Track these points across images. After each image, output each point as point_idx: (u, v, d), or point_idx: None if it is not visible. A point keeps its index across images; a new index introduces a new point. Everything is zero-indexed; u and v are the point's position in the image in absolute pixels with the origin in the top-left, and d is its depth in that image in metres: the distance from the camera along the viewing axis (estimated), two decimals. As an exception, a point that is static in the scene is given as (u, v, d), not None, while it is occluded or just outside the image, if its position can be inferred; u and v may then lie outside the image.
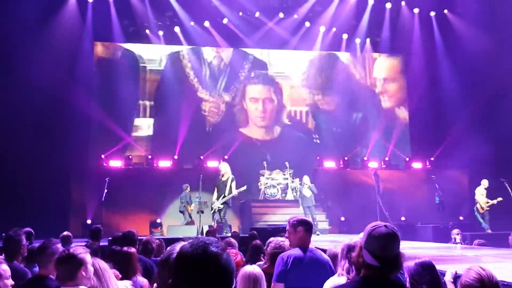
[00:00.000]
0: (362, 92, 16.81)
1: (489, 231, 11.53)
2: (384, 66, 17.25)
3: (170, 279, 1.68)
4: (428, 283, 2.78)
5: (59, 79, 13.28)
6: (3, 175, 12.25)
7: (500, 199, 11.80)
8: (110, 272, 3.02)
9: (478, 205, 12.05)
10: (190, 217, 12.10)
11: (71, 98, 13.66)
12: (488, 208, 11.96)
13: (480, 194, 12.09)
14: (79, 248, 3.01)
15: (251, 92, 16.43)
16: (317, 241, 8.91)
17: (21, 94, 12.66)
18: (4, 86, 12.54)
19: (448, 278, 3.22)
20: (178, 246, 2.35)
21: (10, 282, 3.29)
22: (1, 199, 11.72)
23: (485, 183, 12.15)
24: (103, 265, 3.01)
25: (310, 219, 3.78)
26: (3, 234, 5.74)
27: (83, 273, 2.80)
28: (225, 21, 15.80)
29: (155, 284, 2.66)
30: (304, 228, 3.63)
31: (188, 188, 12.37)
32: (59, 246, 3.72)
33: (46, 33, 13.45)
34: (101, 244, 6.97)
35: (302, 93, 16.66)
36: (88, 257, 2.85)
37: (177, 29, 15.76)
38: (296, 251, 3.61)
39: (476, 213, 12.08)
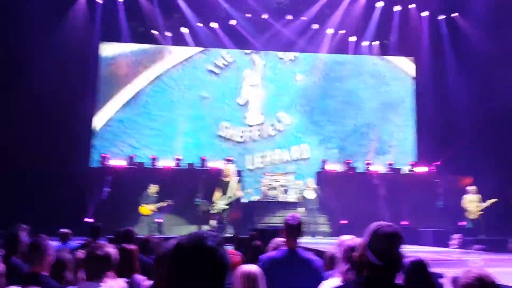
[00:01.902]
0: (366, 94, 16.79)
1: (482, 236, 11.44)
2: (392, 68, 17.19)
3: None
4: (421, 280, 2.77)
5: (66, 78, 13.41)
6: (5, 171, 12.32)
7: (493, 200, 11.70)
8: None
9: (467, 213, 11.98)
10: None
11: (77, 97, 13.75)
12: (481, 213, 11.87)
13: (469, 201, 12.01)
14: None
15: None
16: (318, 244, 8.89)
17: (28, 93, 12.80)
18: (11, 87, 12.68)
19: (447, 282, 3.20)
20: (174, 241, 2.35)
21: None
22: (2, 195, 11.75)
23: (472, 189, 12.07)
24: None
25: (299, 218, 3.68)
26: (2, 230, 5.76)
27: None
28: (233, 22, 15.83)
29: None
30: (286, 228, 3.62)
31: (152, 189, 12.18)
32: (52, 243, 3.73)
33: (54, 33, 13.59)
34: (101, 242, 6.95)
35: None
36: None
37: (185, 30, 15.81)
38: (275, 252, 3.63)
39: (467, 221, 12.01)
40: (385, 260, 2.11)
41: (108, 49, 15.71)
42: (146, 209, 12.02)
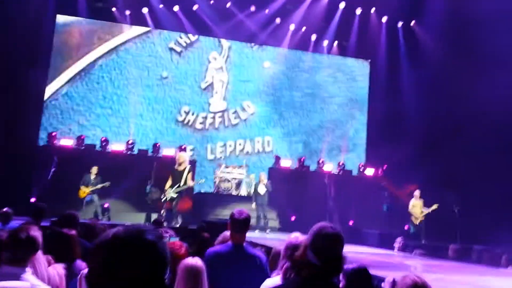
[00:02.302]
0: (323, 92, 17.00)
1: (423, 241, 11.87)
2: (350, 69, 17.48)
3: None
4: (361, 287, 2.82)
5: (18, 52, 12.76)
6: None
7: (435, 206, 12.16)
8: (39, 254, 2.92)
9: (412, 217, 12.41)
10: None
11: (28, 72, 13.12)
12: (423, 218, 12.31)
13: (413, 205, 12.44)
14: (34, 228, 2.89)
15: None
16: (266, 239, 8.96)
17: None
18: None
19: (386, 286, 3.27)
20: (114, 230, 2.26)
21: None
22: None
23: (417, 193, 12.50)
24: None
25: (246, 214, 3.60)
26: None
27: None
28: (195, 7, 15.58)
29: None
30: (232, 223, 3.56)
31: (93, 171, 11.93)
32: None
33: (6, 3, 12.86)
34: (43, 225, 6.68)
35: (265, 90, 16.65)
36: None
37: (145, 10, 15.41)
38: (221, 246, 3.59)
39: (410, 225, 12.43)
40: (325, 261, 2.13)
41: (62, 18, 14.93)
42: (82, 191, 11.70)
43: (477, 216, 11.30)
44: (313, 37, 16.83)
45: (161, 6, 15.37)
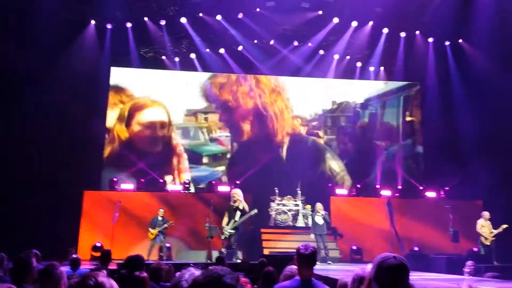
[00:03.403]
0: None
1: (495, 262, 11.25)
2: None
3: None
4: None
5: (76, 103, 13.63)
6: (16, 196, 12.40)
7: (505, 226, 11.58)
8: None
9: (481, 238, 11.84)
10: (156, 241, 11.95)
11: (87, 122, 13.96)
12: (493, 238, 11.73)
13: (482, 226, 11.88)
14: (101, 275, 3.01)
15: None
16: (328, 271, 8.79)
17: (38, 118, 13.00)
18: (22, 111, 12.87)
19: None
20: (187, 274, 2.33)
21: None
22: (11, 219, 11.80)
23: (486, 215, 11.96)
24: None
25: (312, 248, 3.57)
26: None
27: None
28: (240, 48, 16.05)
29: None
30: (299, 258, 3.51)
31: (161, 212, 12.13)
32: (63, 269, 3.70)
33: (64, 59, 13.80)
34: (110, 268, 6.91)
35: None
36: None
37: (193, 55, 16.05)
38: (290, 282, 3.52)
39: (479, 246, 11.85)
40: None
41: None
42: (150, 233, 12.01)
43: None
44: (359, 64, 16.79)
45: (207, 50, 15.96)
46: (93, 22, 14.83)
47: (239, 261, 10.31)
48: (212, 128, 16.18)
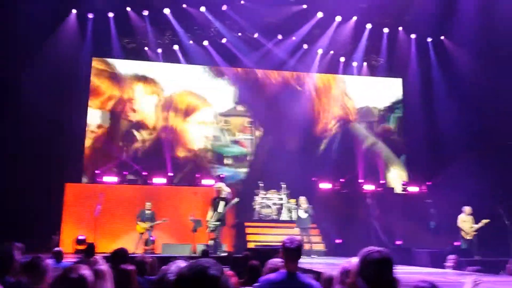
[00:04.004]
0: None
1: (477, 257, 11.41)
2: (382, 90, 17.40)
3: None
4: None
5: (57, 94, 13.41)
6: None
7: (486, 221, 11.73)
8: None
9: (462, 233, 11.99)
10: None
11: (68, 113, 13.75)
12: (475, 233, 11.88)
13: (463, 221, 12.01)
14: (84, 267, 2.98)
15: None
16: (312, 264, 8.84)
17: (18, 109, 12.75)
18: (1, 103, 12.64)
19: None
20: (173, 266, 2.31)
21: None
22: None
23: (467, 210, 12.08)
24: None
25: (297, 241, 3.59)
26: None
27: None
28: (224, 40, 15.95)
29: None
30: (284, 252, 3.52)
31: (148, 206, 12.04)
32: (49, 261, 3.64)
33: (44, 49, 13.54)
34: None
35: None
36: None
37: (176, 47, 15.90)
38: (275, 275, 3.53)
39: (461, 240, 11.99)
40: (376, 286, 2.10)
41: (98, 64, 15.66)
42: (140, 226, 11.90)
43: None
44: (342, 59, 16.86)
45: (191, 42, 15.82)
46: (74, 11, 14.57)
47: (224, 254, 10.30)
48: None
